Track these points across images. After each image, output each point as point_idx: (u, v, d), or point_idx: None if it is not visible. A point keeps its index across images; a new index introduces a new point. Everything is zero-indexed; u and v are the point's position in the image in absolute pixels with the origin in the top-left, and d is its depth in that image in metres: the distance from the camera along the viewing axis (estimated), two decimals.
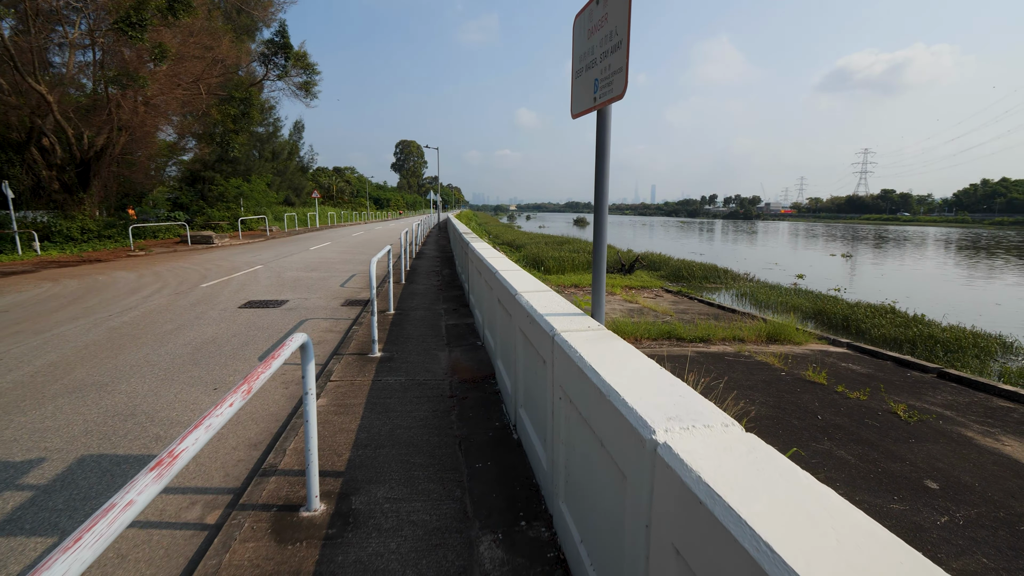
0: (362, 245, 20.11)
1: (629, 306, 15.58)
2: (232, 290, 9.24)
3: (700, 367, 7.80)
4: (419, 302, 7.97)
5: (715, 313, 14.46)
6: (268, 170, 32.33)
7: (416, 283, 9.97)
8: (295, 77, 22.14)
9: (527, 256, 28.43)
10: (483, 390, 4.21)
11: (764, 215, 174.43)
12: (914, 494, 3.86)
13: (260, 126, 32.53)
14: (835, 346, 9.80)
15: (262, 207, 27.44)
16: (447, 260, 14.45)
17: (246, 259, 14.37)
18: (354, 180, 79.84)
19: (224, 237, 21.52)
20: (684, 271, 24.31)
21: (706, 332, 9.83)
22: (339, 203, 62.61)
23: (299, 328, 6.55)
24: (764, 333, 9.99)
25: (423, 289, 9.24)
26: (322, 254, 16.01)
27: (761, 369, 7.70)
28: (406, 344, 5.54)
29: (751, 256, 39.87)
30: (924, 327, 13.04)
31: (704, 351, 9.07)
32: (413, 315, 7.01)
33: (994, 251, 45.16)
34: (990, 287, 24.95)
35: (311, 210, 35.75)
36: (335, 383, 4.29)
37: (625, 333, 9.69)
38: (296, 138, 40.92)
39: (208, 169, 27.63)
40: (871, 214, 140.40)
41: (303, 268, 12.39)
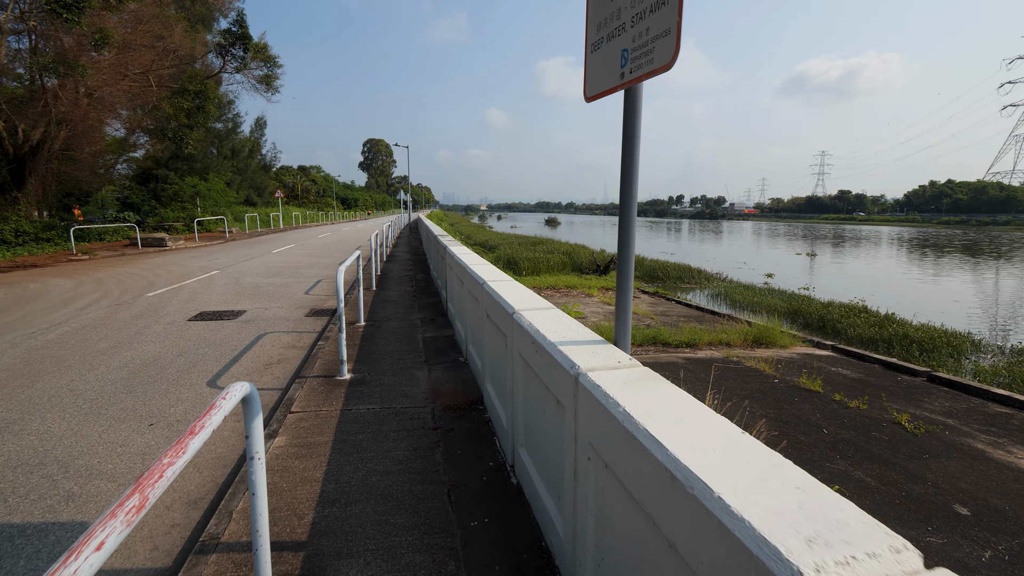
0: (329, 247, 19.17)
1: (608, 308, 15.26)
2: (182, 299, 8.37)
3: (692, 375, 7.46)
4: (393, 311, 7.34)
5: (695, 315, 14.30)
6: (227, 168, 30.72)
7: (388, 289, 9.31)
8: (255, 70, 20.95)
9: (501, 257, 27.91)
10: (471, 419, 3.67)
11: (729, 215, 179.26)
12: (947, 522, 3.54)
13: (218, 122, 30.88)
14: (820, 349, 9.68)
15: (221, 207, 25.97)
16: (420, 263, 13.78)
17: (201, 263, 13.33)
18: (320, 179, 77.58)
19: (179, 239, 20.19)
20: (659, 271, 24.27)
21: (692, 337, 9.54)
22: (304, 203, 60.58)
23: (258, 343, 5.85)
24: (750, 337, 9.78)
25: (396, 296, 8.59)
26: (285, 257, 15.07)
27: (753, 376, 7.42)
28: (380, 362, 4.93)
29: (720, 256, 40.50)
30: (898, 326, 13.17)
31: (692, 357, 8.76)
32: (387, 327, 6.39)
33: (945, 249, 47.34)
34: (947, 284, 25.92)
35: (274, 210, 34.21)
36: (297, 415, 3.66)
37: (607, 337, 9.32)
38: (258, 135, 39.13)
39: (162, 167, 25.97)
40: (829, 214, 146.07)
41: (264, 273, 11.51)
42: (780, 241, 60.60)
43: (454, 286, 5.95)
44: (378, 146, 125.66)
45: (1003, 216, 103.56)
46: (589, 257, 27.24)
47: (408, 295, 8.75)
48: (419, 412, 3.77)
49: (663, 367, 8.02)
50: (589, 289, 20.40)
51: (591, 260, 26.07)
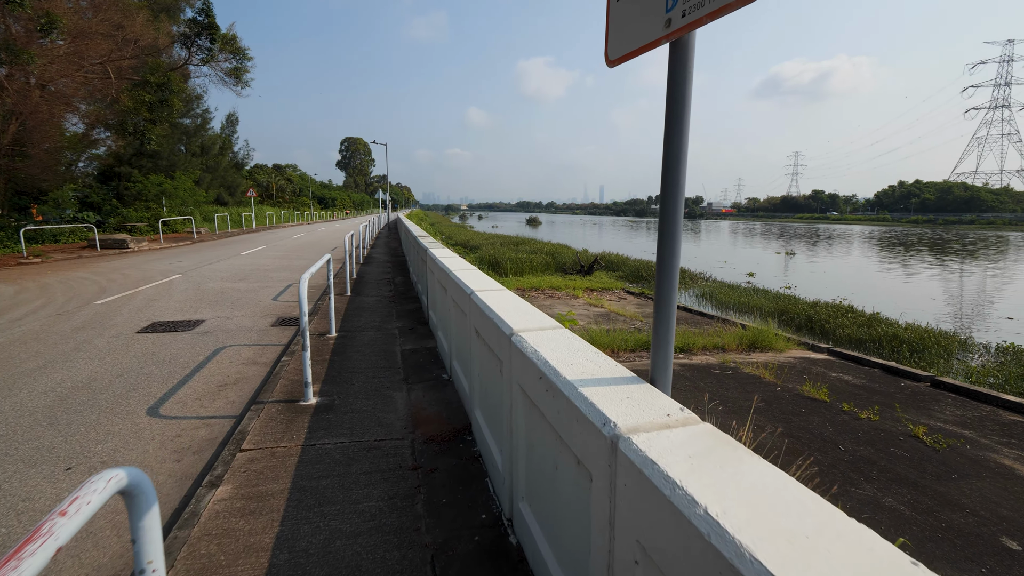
0: (302, 249, 18.32)
1: (595, 310, 14.83)
2: (134, 308, 7.59)
3: (690, 384, 7.03)
4: (368, 320, 6.72)
5: (684, 317, 13.96)
6: (196, 166, 29.39)
7: (364, 295, 8.66)
8: (223, 62, 19.90)
9: (484, 257, 27.32)
10: (458, 452, 3.11)
11: (707, 214, 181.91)
12: (999, 560, 3.14)
13: (187, 117, 29.53)
14: (816, 352, 9.38)
15: (189, 207, 24.76)
16: (399, 265, 13.13)
17: (163, 267, 12.43)
18: (297, 178, 75.70)
19: (142, 241, 19.08)
20: (643, 271, 24.02)
21: (686, 341, 9.14)
22: (279, 202, 58.92)
23: (214, 359, 5.18)
24: (745, 341, 9.43)
25: (373, 302, 7.96)
26: (255, 260, 14.22)
27: (754, 384, 7.02)
28: (352, 382, 4.33)
29: (701, 255, 40.66)
30: (885, 327, 13.06)
31: (687, 363, 8.34)
32: (361, 338, 5.77)
33: (917, 247, 48.50)
34: (922, 282, 26.31)
35: (246, 210, 32.94)
36: (249, 455, 3.05)
37: (601, 344, 8.83)
38: (229, 132, 37.64)
39: (125, 164, 24.62)
40: (804, 213, 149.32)
41: (230, 277, 10.72)
42: (758, 240, 61.41)
43: (436, 293, 5.37)
44: (356, 144, 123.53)
45: (968, 215, 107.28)
46: (572, 257, 26.84)
47: (386, 300, 8.13)
48: (396, 446, 3.20)
49: None
50: (574, 290, 19.97)
51: (575, 260, 25.68)
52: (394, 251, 17.72)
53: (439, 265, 4.71)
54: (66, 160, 21.87)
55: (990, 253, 42.72)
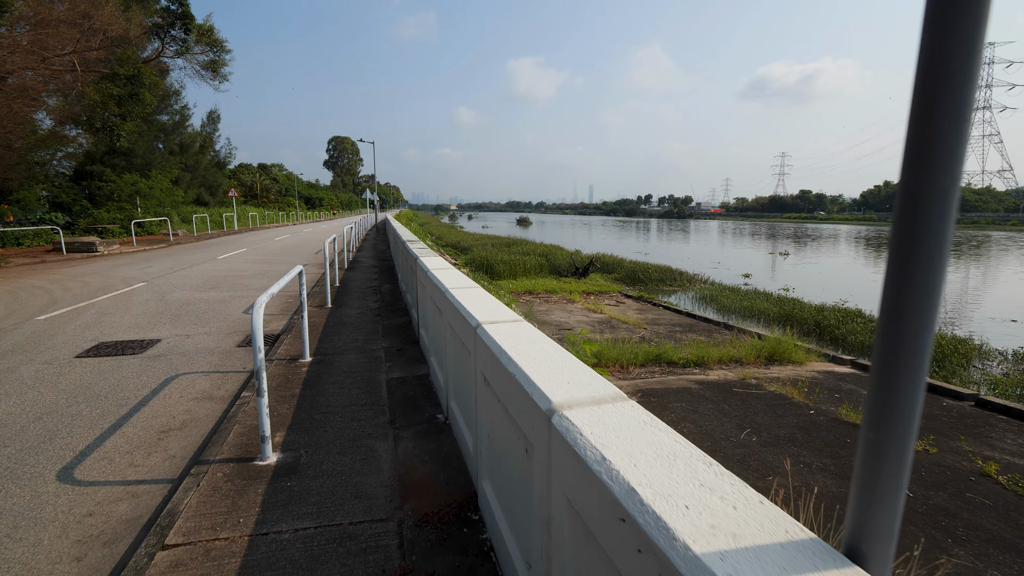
0: (284, 252, 17.34)
1: (595, 317, 14.09)
2: (82, 324, 6.65)
3: (713, 406, 6.29)
4: (350, 338, 5.87)
5: (687, 323, 13.26)
6: (174, 165, 28.12)
7: (347, 306, 7.80)
8: (200, 55, 18.82)
9: (475, 259, 26.50)
10: (461, 544, 2.30)
11: (696, 214, 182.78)
12: None
13: (164, 114, 28.28)
14: (839, 365, 8.71)
15: (165, 207, 23.58)
16: (387, 270, 12.26)
17: (129, 273, 11.43)
18: (283, 178, 74.16)
19: (113, 244, 17.95)
20: (640, 273, 23.37)
21: (699, 354, 8.40)
22: (264, 203, 57.49)
23: (162, 392, 4.31)
24: (763, 353, 8.71)
25: (356, 316, 7.11)
26: (231, 264, 13.25)
27: (784, 406, 6.31)
28: (324, 427, 3.50)
29: (694, 255, 40.26)
30: None
31: (704, 379, 7.61)
32: (340, 363, 4.93)
33: None
34: None
35: (228, 210, 31.73)
36: (173, 554, 2.21)
37: (610, 359, 8.07)
38: (210, 129, 36.24)
39: (96, 163, 23.37)
40: (791, 213, 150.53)
41: (200, 286, 9.78)
42: (749, 240, 61.34)
43: (428, 310, 4.55)
44: (344, 144, 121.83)
45: None
46: (567, 259, 26.12)
47: (371, 313, 7.28)
48: (379, 533, 2.38)
49: (675, 394, 6.84)
50: (570, 294, 19.23)
51: (570, 263, 24.95)
52: (382, 254, 16.83)
53: (432, 279, 3.89)
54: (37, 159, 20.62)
55: (979, 253, 42.87)
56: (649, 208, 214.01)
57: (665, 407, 6.21)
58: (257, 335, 2.88)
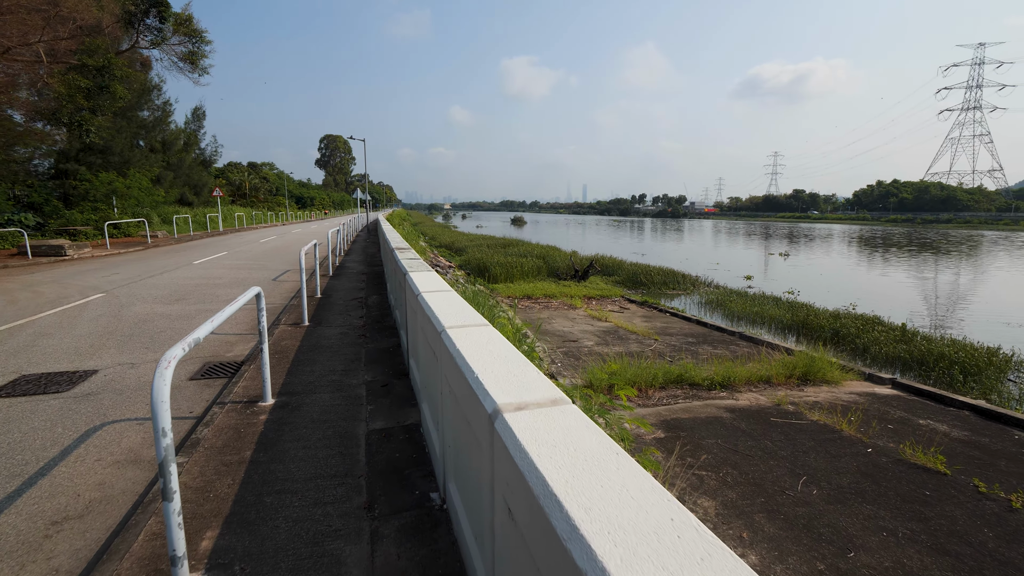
0: (268, 255, 16.29)
1: (600, 326, 13.18)
2: (9, 349, 5.63)
3: (752, 442, 5.39)
4: (325, 369, 4.91)
5: (701, 333, 12.38)
6: (155, 163, 26.90)
7: (328, 323, 6.83)
8: (177, 46, 17.70)
9: (471, 261, 25.52)
10: None
11: (690, 213, 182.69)
12: None
13: (144, 109, 27.04)
14: (878, 384, 7.85)
15: (144, 208, 22.41)
16: (376, 278, 11.27)
17: (90, 281, 10.37)
18: (273, 177, 72.73)
19: (84, 247, 16.82)
20: (642, 276, 22.49)
21: (726, 374, 7.50)
22: (253, 202, 56.15)
23: (74, 453, 3.33)
24: (796, 371, 7.82)
25: (336, 337, 6.14)
26: (207, 270, 12.20)
27: (834, 442, 5.42)
28: (274, 521, 2.54)
29: (692, 256, 39.54)
30: (925, 343, 11.69)
31: (735, 405, 6.73)
32: (309, 408, 3.97)
33: (907, 248, 48.23)
34: (926, 285, 25.37)
35: (213, 211, 30.52)
36: None
37: (625, 379, 7.16)
38: (195, 126, 34.92)
39: (71, 161, 22.16)
40: (785, 212, 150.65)
41: (165, 297, 8.75)
42: (746, 240, 60.79)
43: (419, 344, 3.60)
44: (336, 142, 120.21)
45: (945, 214, 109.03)
46: (566, 261, 25.19)
47: (354, 333, 6.31)
48: None
49: (706, 426, 5.95)
50: (571, 299, 18.30)
51: (568, 265, 24.03)
52: (372, 258, 15.83)
53: (425, 309, 2.94)
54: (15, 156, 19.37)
55: (980, 253, 42.48)
56: (643, 207, 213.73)
57: (698, 445, 5.30)
58: (160, 416, 1.92)
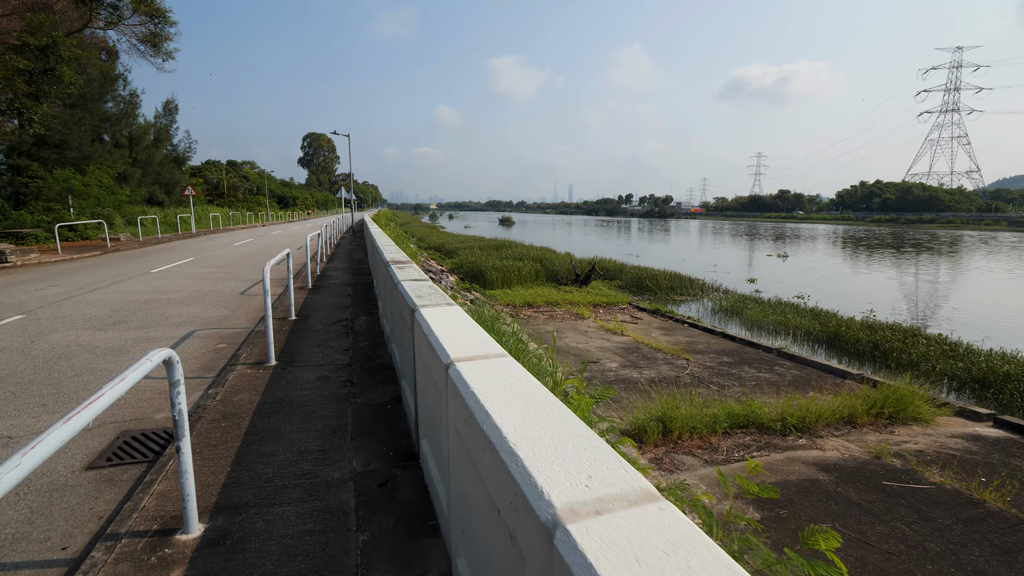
0: (240, 261, 14.56)
1: (617, 340, 11.73)
2: None
3: (884, 527, 3.98)
4: (294, 449, 3.36)
5: (733, 350, 11.01)
6: (120, 159, 24.83)
7: (300, 362, 5.26)
8: (137, 26, 15.82)
9: (463, 265, 23.96)
10: None
11: (677, 213, 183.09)
12: None
13: (109, 100, 24.93)
14: (976, 422, 6.54)
15: (105, 208, 20.42)
16: (363, 291, 9.69)
17: (15, 297, 8.60)
18: (254, 176, 70.14)
19: (31, 252, 14.88)
20: (647, 281, 21.15)
21: (802, 413, 6.14)
22: (232, 202, 53.74)
23: None
24: (876, 408, 6.48)
25: (311, 386, 4.57)
26: (165, 281, 10.48)
27: (984, 520, 4.06)
28: None
29: (687, 257, 38.54)
30: (976, 358, 10.52)
31: (824, 459, 5.34)
32: (261, 544, 2.43)
33: (902, 249, 47.88)
34: (933, 287, 24.55)
35: (186, 211, 28.45)
36: None
37: (682, 426, 5.74)
38: (166, 121, 32.67)
39: (22, 155, 20.08)
40: (771, 212, 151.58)
41: (100, 319, 7.07)
42: (738, 240, 60.15)
43: (439, 422, 2.09)
44: (319, 140, 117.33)
45: (928, 214, 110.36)
46: (566, 265, 23.74)
47: (336, 378, 4.76)
48: None
49: (804, 494, 4.53)
50: (577, 307, 16.83)
51: (569, 269, 22.59)
52: (358, 264, 14.19)
53: (465, 398, 1.43)
54: None
55: (976, 254, 42.20)
56: (630, 208, 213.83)
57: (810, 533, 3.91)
58: None
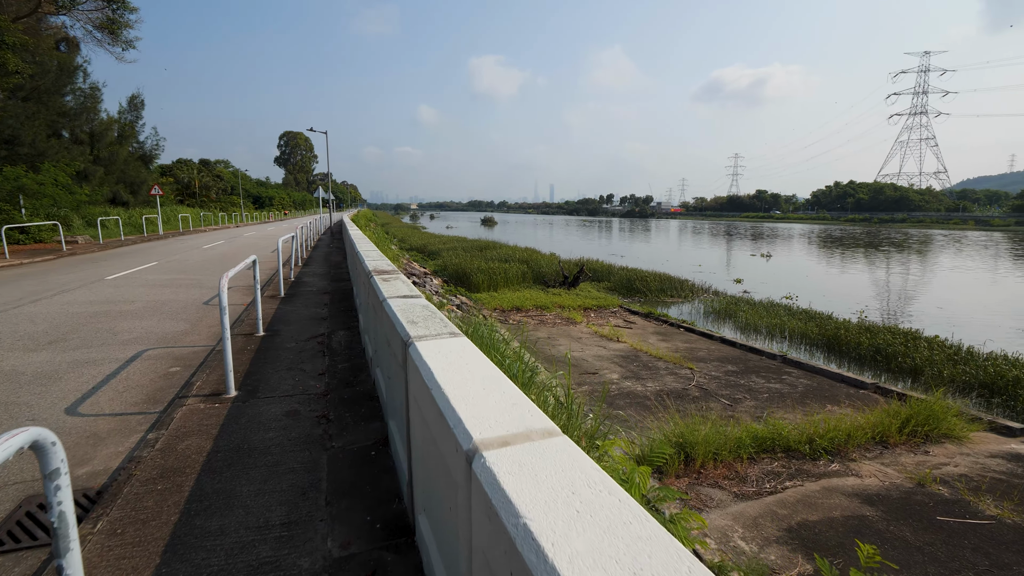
0: (208, 266, 13.53)
1: (614, 348, 11.13)
2: None
3: (936, 571, 3.43)
4: (250, 522, 2.59)
5: (737, 357, 10.51)
6: (80, 157, 23.33)
7: (268, 390, 4.46)
8: (93, 12, 14.63)
9: (447, 267, 23.15)
10: None
11: (657, 213, 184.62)
12: None
13: (68, 94, 23.39)
14: (1011, 438, 6.11)
15: (62, 208, 19.06)
16: (342, 302, 8.86)
17: None
18: (228, 175, 67.89)
19: None
20: (637, 283, 20.65)
21: (830, 434, 5.60)
22: (204, 202, 51.78)
23: None
24: (907, 425, 5.99)
25: (277, 425, 3.79)
26: (121, 289, 9.47)
27: None
28: None
29: (671, 257, 38.36)
30: (990, 363, 10.22)
31: (864, 488, 4.78)
32: None
33: (880, 248, 48.62)
34: (917, 286, 24.70)
35: (152, 211, 26.97)
36: None
37: (703, 452, 5.14)
38: (131, 117, 30.99)
39: None
40: (749, 212, 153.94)
41: (34, 337, 6.13)
42: (720, 240, 60.50)
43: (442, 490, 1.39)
44: (296, 139, 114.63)
45: (899, 214, 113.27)
46: (552, 266, 23.10)
47: (309, 413, 3.98)
48: None
49: (848, 529, 3.91)
50: (567, 311, 16.20)
51: (556, 271, 21.97)
52: (336, 268, 13.31)
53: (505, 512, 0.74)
54: None
55: (950, 253, 43.04)
56: (612, 207, 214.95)
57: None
58: None
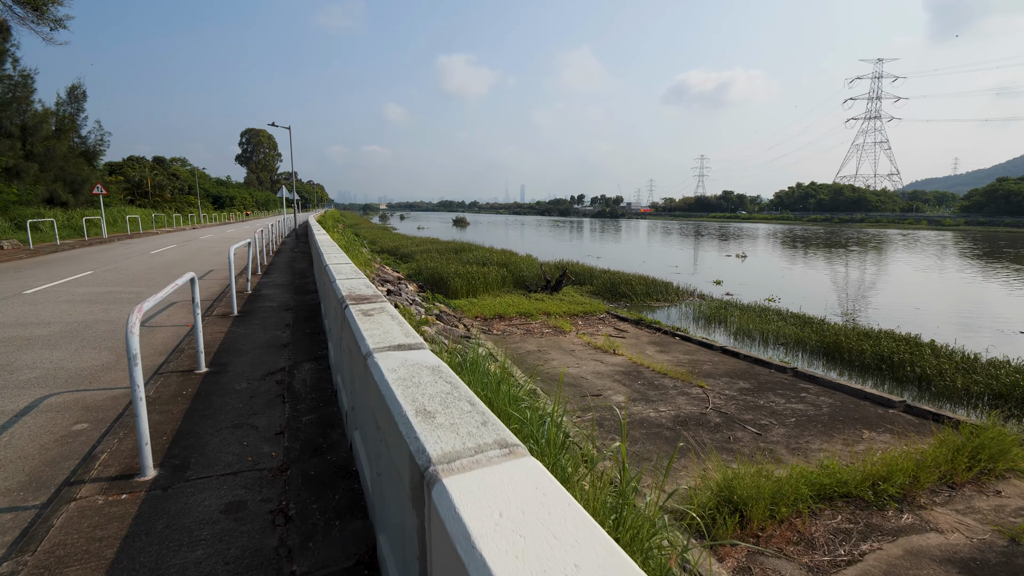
0: (153, 276, 11.96)
1: (612, 362, 10.21)
2: None
3: None
4: None
5: (744, 370, 9.72)
6: (9, 152, 21.00)
7: (205, 463, 3.29)
8: None
9: (421, 271, 21.88)
10: None
11: (627, 214, 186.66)
12: None
13: None
14: None
15: None
16: (307, 321, 7.62)
17: None
18: (185, 174, 64.25)
19: None
20: (622, 287, 19.91)
21: (896, 477, 4.82)
22: (158, 202, 48.66)
23: None
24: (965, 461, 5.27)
25: (215, 512, 2.66)
26: (38, 307, 7.96)
27: None
28: None
29: (648, 258, 38.05)
30: (1003, 370, 9.81)
31: (951, 548, 3.93)
32: None
33: (849, 248, 49.74)
34: (894, 287, 24.94)
35: (95, 213, 24.66)
36: None
37: (761, 510, 4.26)
38: (71, 109, 28.39)
39: None
40: (716, 212, 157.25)
41: None
42: (692, 240, 60.93)
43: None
44: (259, 137, 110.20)
45: (858, 214, 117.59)
46: (533, 270, 22.12)
47: (263, 494, 2.86)
48: None
49: None
50: (554, 319, 15.21)
51: (538, 275, 21.02)
52: (301, 278, 11.96)
53: None
54: None
55: (912, 252, 44.31)
56: (583, 208, 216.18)
57: None
58: None
